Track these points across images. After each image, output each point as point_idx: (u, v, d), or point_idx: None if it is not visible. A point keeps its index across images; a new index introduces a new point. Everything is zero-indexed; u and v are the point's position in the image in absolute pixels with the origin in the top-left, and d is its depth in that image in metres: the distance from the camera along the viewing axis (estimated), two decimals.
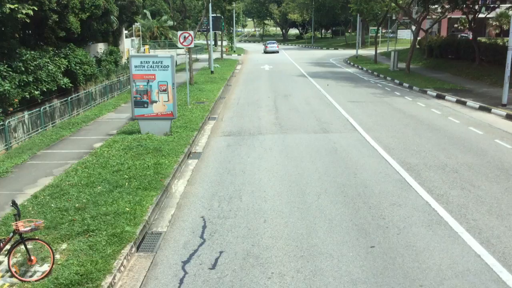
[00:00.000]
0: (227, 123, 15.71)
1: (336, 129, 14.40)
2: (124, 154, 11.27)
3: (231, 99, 21.24)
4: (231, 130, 14.68)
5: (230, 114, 17.43)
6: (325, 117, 16.24)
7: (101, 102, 23.37)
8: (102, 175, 9.69)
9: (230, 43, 57.45)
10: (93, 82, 31.37)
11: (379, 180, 9.52)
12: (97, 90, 27.16)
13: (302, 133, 13.96)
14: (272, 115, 16.82)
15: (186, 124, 14.56)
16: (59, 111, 19.90)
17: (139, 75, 13.09)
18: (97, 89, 27.29)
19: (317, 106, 18.65)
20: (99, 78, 32.97)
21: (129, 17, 41.16)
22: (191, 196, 9.01)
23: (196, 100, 19.50)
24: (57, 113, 20.06)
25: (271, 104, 19.23)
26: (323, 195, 8.81)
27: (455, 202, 8.28)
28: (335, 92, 22.55)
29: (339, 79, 28.14)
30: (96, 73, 31.59)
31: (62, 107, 19.83)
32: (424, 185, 9.17)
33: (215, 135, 14.06)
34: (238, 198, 8.82)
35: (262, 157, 11.52)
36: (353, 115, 16.41)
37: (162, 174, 9.77)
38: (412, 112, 17.06)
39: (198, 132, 14.03)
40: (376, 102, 19.32)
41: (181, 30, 34.72)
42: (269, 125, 15.13)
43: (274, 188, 9.25)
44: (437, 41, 34.86)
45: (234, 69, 35.57)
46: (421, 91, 22.45)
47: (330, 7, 64.58)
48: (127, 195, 8.56)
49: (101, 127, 15.18)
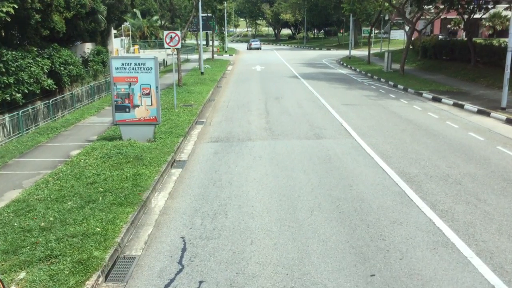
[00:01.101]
0: (215, 128, 14.90)
1: (330, 134, 13.65)
2: (102, 163, 10.43)
3: (221, 101, 20.43)
4: (219, 135, 13.87)
5: (219, 118, 16.62)
6: (318, 122, 15.48)
7: (88, 103, 22.46)
8: (74, 188, 8.85)
9: (222, 43, 56.59)
10: (80, 83, 30.41)
11: (376, 193, 8.77)
12: (84, 91, 26.27)
13: (294, 139, 13.19)
14: (263, 119, 16.03)
15: (171, 130, 13.74)
16: (42, 113, 19.00)
17: (120, 77, 12.24)
18: (84, 90, 26.39)
19: (309, 109, 17.89)
20: (86, 79, 32.03)
21: (117, 16, 40.21)
22: (171, 212, 8.20)
23: (184, 103, 18.67)
24: (40, 116, 19.18)
25: (262, 107, 18.45)
26: (317, 210, 8.04)
27: (461, 220, 7.55)
28: (328, 94, 21.82)
29: (332, 81, 27.42)
30: (82, 73, 30.63)
31: (45, 110, 18.90)
32: (426, 199, 8.43)
33: (202, 141, 13.25)
34: (223, 214, 8.02)
35: (251, 166, 10.73)
36: (347, 119, 15.67)
37: (141, 186, 8.94)
38: (409, 116, 16.36)
39: (184, 138, 13.21)
40: (370, 105, 18.60)
41: (171, 30, 33.89)
42: (259, 130, 14.35)
43: (263, 203, 8.47)
44: (431, 41, 34.31)
45: (225, 70, 34.76)
46: (416, 94, 21.78)
47: (322, 7, 63.93)
48: (100, 212, 7.72)
49: (81, 132, 14.31)
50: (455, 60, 31.13)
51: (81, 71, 29.80)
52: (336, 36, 78.63)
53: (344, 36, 73.11)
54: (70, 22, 29.31)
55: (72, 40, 32.81)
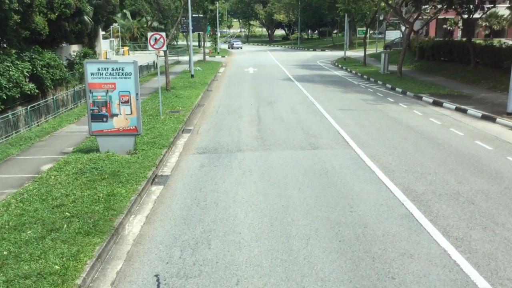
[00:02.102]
0: (203, 137, 13.83)
1: (326, 144, 12.63)
2: (74, 180, 9.35)
3: (211, 106, 19.37)
4: (207, 145, 12.82)
5: (207, 125, 15.56)
6: (313, 129, 14.46)
7: (73, 107, 21.34)
8: (38, 213, 7.76)
9: (214, 45, 55.53)
10: (64, 87, 29.25)
11: (381, 216, 7.76)
12: (69, 96, 25.13)
13: (288, 149, 12.16)
14: (254, 127, 14.99)
15: (155, 140, 12.67)
16: (24, 119, 17.86)
17: (97, 84, 11.15)
18: (69, 94, 25.24)
19: (304, 115, 16.87)
20: (72, 82, 30.84)
21: (105, 17, 39.00)
22: (147, 241, 7.14)
23: (171, 109, 17.58)
24: (22, 122, 18.06)
25: (253, 113, 17.41)
26: (313, 239, 7.01)
27: (480, 250, 6.55)
28: (324, 98, 20.83)
29: (327, 83, 26.44)
30: (67, 77, 29.46)
31: (24, 116, 17.72)
32: (437, 224, 7.43)
33: (188, 153, 12.18)
34: (206, 243, 6.97)
35: (240, 182, 9.69)
36: (345, 126, 14.67)
37: (114, 210, 7.88)
38: (410, 122, 15.38)
39: (168, 149, 12.14)
40: (368, 110, 17.62)
41: (161, 31, 32.77)
42: (250, 140, 13.31)
43: (252, 228, 7.43)
44: (428, 42, 33.45)
45: (217, 72, 33.69)
46: (416, 97, 20.84)
47: (316, 7, 63.03)
48: (62, 244, 6.66)
49: (57, 143, 13.19)
50: (454, 61, 30.28)
51: (66, 74, 28.62)
52: (330, 36, 77.78)
53: (339, 37, 72.26)
54: (54, 23, 28.11)
55: (57, 42, 31.62)
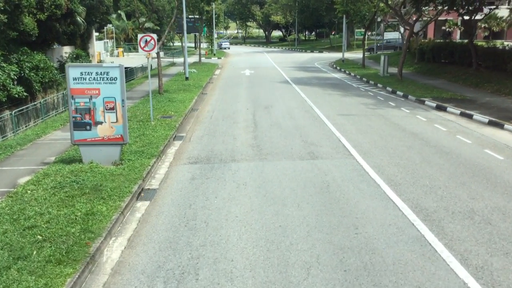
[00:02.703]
0: (195, 145, 13.02)
1: (327, 153, 11.84)
2: (51, 196, 8.52)
3: (205, 111, 18.56)
4: (199, 154, 12.00)
5: (200, 131, 14.75)
6: (312, 136, 13.67)
7: (63, 110, 20.51)
8: (7, 236, 6.93)
9: (210, 46, 54.72)
10: (55, 90, 28.41)
11: (389, 240, 6.96)
12: (59, 99, 24.30)
13: (285, 159, 11.36)
14: (250, 134, 14.19)
15: (143, 148, 11.84)
16: (13, 123, 17.00)
17: (79, 89, 10.32)
18: (60, 97, 24.40)
19: (302, 120, 16.08)
20: (62, 84, 30.01)
21: (99, 18, 38.16)
22: (126, 271, 6.32)
23: (163, 114, 16.75)
24: (8, 127, 17.22)
25: (249, 118, 16.61)
26: (315, 268, 6.21)
27: (504, 283, 5.76)
28: (322, 102, 20.05)
29: (325, 87, 25.67)
30: (58, 79, 28.60)
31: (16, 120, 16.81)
32: (454, 249, 6.64)
33: (179, 163, 11.37)
34: (193, 273, 6.17)
35: (233, 197, 8.88)
36: (345, 133, 13.89)
37: (92, 232, 7.06)
38: (413, 128, 14.61)
39: (158, 159, 11.32)
40: (369, 116, 16.84)
41: (156, 32, 31.94)
42: (246, 148, 12.50)
43: (245, 254, 6.62)
44: (428, 44, 32.72)
45: (212, 75, 32.88)
46: (418, 101, 20.08)
47: (314, 8, 62.31)
48: (29, 275, 5.83)
49: (39, 151, 12.35)
50: (455, 63, 29.55)
51: (56, 77, 27.77)
52: (328, 38, 77.07)
53: (336, 38, 71.60)
54: (44, 24, 27.22)
55: (48, 43, 30.73)
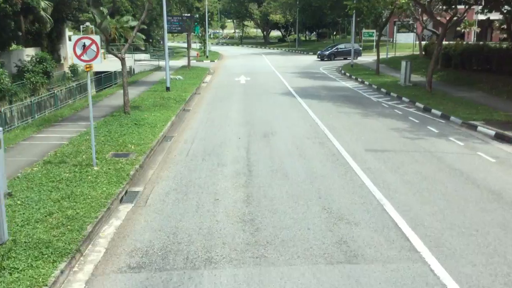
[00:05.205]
0: (152, 217, 8.00)
1: (370, 244, 6.83)
2: None
3: (181, 141, 13.55)
4: (151, 244, 6.99)
5: (167, 183, 9.73)
6: (338, 199, 8.67)
7: (20, 124, 15.82)
8: None
9: (203, 47, 49.69)
10: (7, 101, 23.51)
11: None
12: (13, 111, 19.53)
13: (299, 258, 6.37)
14: (240, 190, 9.19)
15: (50, 234, 6.81)
16: None
17: None
18: (14, 110, 19.67)
19: (317, 162, 11.08)
20: (19, 94, 24.99)
21: (71, 14, 33.16)
22: None
23: (117, 150, 11.73)
24: None
25: (241, 156, 11.62)
26: None
27: None
28: (339, 126, 15.07)
29: (338, 101, 20.67)
30: (11, 89, 23.70)
31: None
32: None
33: (110, 268, 6.34)
34: None
35: None
36: (389, 192, 8.90)
37: None
38: (489, 180, 9.61)
39: (71, 261, 6.30)
40: (411, 152, 11.87)
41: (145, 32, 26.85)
42: (231, 227, 7.49)
43: None
44: (456, 47, 27.79)
45: (201, 82, 27.87)
46: (466, 125, 15.09)
47: (316, 7, 57.25)
48: None
49: None
50: (490, 71, 24.70)
51: (9, 86, 22.95)
52: (329, 38, 72.11)
53: (339, 39, 66.68)
54: None
55: (2, 45, 25.63)
